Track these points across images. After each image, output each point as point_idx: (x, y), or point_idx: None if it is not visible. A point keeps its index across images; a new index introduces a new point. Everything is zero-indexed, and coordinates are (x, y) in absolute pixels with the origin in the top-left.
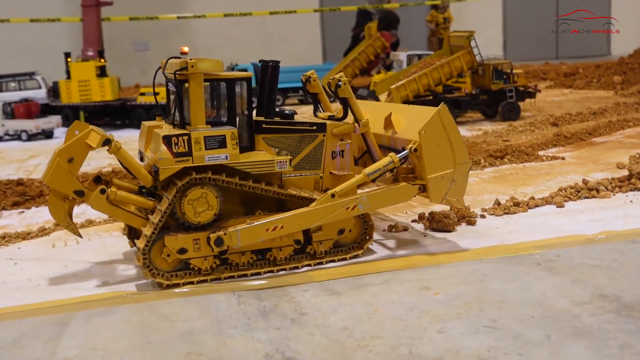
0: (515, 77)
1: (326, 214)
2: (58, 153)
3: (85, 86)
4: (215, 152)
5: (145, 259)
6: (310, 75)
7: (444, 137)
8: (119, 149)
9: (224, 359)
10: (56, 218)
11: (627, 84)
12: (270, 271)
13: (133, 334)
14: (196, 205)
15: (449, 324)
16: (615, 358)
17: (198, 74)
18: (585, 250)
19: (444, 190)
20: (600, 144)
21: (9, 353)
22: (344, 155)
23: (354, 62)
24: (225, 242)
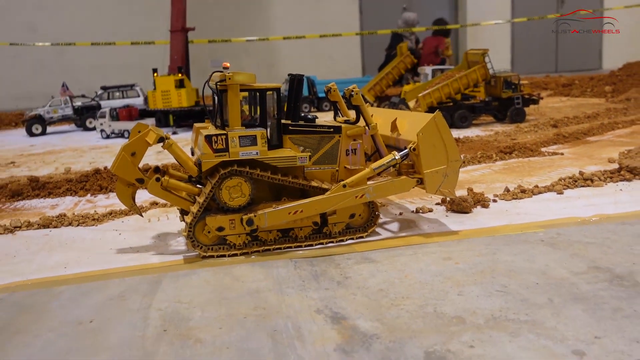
0: (521, 87)
1: (338, 201)
2: (123, 148)
3: (166, 95)
4: (248, 149)
5: (190, 232)
6: (331, 87)
7: (438, 139)
8: (171, 146)
9: (283, 312)
10: (122, 200)
11: (617, 92)
12: (290, 247)
13: (211, 291)
14: (232, 192)
15: (467, 288)
16: (609, 319)
17: (235, 85)
18: (581, 229)
19: (438, 183)
20: (594, 142)
21: (116, 304)
22: (356, 152)
23: (388, 75)
24: (255, 222)
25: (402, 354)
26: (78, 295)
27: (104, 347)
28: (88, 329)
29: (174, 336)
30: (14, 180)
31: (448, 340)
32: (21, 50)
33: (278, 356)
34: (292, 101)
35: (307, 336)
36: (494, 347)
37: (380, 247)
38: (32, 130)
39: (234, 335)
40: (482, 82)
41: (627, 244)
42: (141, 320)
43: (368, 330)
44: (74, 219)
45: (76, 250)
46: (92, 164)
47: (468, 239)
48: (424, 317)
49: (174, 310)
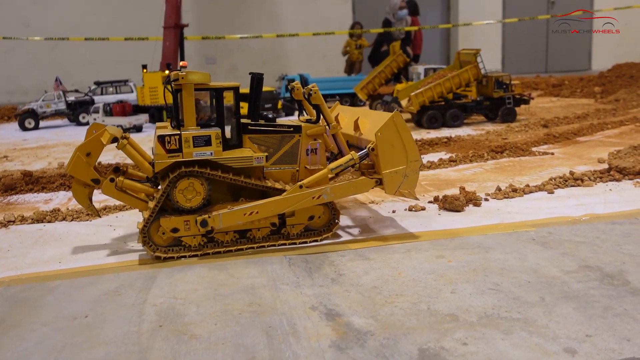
0: (512, 87)
1: (295, 202)
2: (78, 148)
3: (154, 92)
4: (202, 149)
5: (145, 237)
6: (295, 85)
7: (397, 139)
8: (125, 146)
9: (278, 308)
10: (79, 201)
11: (606, 93)
12: (251, 248)
13: (206, 287)
14: (186, 193)
15: (460, 286)
16: (599, 318)
17: (189, 84)
18: (572, 229)
19: (397, 184)
20: (584, 142)
21: (111, 298)
22: (317, 152)
23: (381, 74)
24: (210, 223)
25: (396, 350)
26: (73, 289)
27: (100, 342)
28: (83, 323)
29: (169, 332)
30: (7, 174)
31: (442, 338)
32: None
33: (273, 352)
34: (252, 100)
35: (302, 332)
36: (487, 344)
37: (374, 245)
38: (25, 125)
39: (229, 331)
40: (474, 82)
41: (616, 243)
42: (136, 316)
43: (362, 327)
44: (67, 213)
45: (70, 245)
46: None
47: (460, 237)
48: (418, 314)
49: (169, 305)
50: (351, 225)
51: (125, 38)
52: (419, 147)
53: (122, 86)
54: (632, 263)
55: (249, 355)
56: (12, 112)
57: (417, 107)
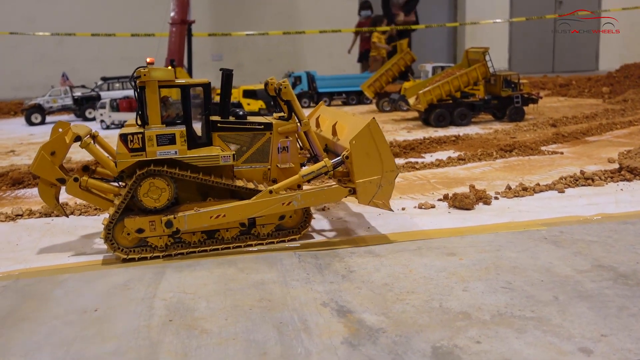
0: (521, 86)
1: (264, 207)
2: (43, 147)
3: None
4: (166, 148)
5: (109, 234)
6: (269, 81)
7: (373, 148)
8: (88, 145)
9: (289, 304)
10: (45, 201)
11: (614, 93)
12: (216, 249)
13: (215, 282)
14: (150, 193)
15: (472, 284)
16: (614, 318)
17: (152, 82)
18: (584, 228)
19: (371, 194)
20: (593, 142)
21: (121, 292)
22: (288, 150)
23: (388, 72)
24: (175, 224)
25: (409, 347)
26: (82, 283)
27: (110, 336)
28: (93, 317)
29: (179, 326)
30: (14, 168)
31: (455, 336)
32: (21, 40)
33: (285, 348)
34: (222, 97)
35: (314, 329)
36: (500, 343)
37: (384, 242)
38: (32, 120)
39: (239, 326)
40: (482, 81)
41: (629, 243)
42: (146, 310)
43: (374, 324)
44: (75, 208)
45: (79, 239)
46: None
47: (471, 236)
48: (430, 312)
49: (178, 300)
50: (359, 222)
51: (131, 34)
52: (426, 145)
53: (128, 82)
54: None
55: (260, 350)
56: (19, 107)
57: (424, 105)
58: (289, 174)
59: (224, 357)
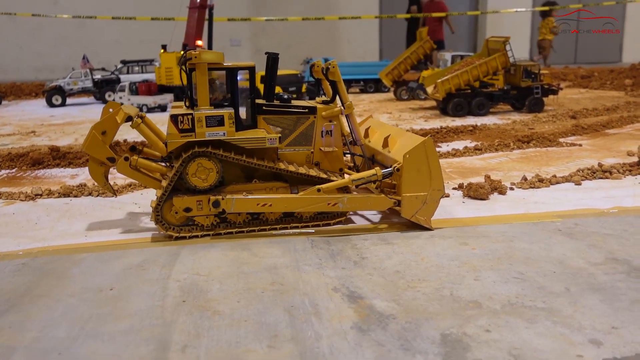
0: (541, 77)
1: (310, 204)
2: (94, 127)
3: (169, 72)
4: (215, 129)
5: (158, 216)
6: (315, 62)
7: (424, 164)
8: (139, 125)
9: (300, 289)
10: (95, 179)
11: (637, 86)
12: (263, 229)
13: (229, 265)
14: (198, 173)
15: (484, 274)
16: (626, 311)
17: (202, 64)
18: (599, 221)
19: (415, 208)
20: (613, 134)
21: (136, 273)
22: (332, 134)
23: (407, 60)
24: (222, 205)
25: (418, 334)
26: (98, 263)
27: (125, 315)
28: (109, 296)
29: (192, 307)
30: (35, 149)
31: (464, 324)
32: (43, 22)
33: (296, 331)
34: (267, 81)
35: (324, 313)
36: (510, 332)
37: (397, 230)
38: (52, 101)
39: (251, 308)
40: (502, 70)
41: None
42: (160, 290)
43: (384, 310)
44: (94, 189)
45: (96, 220)
46: None
47: (485, 225)
48: (440, 300)
49: (192, 282)
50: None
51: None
52: (443, 134)
53: (147, 65)
54: None
55: (271, 333)
56: (40, 89)
57: (443, 94)
58: (331, 157)
59: (236, 338)
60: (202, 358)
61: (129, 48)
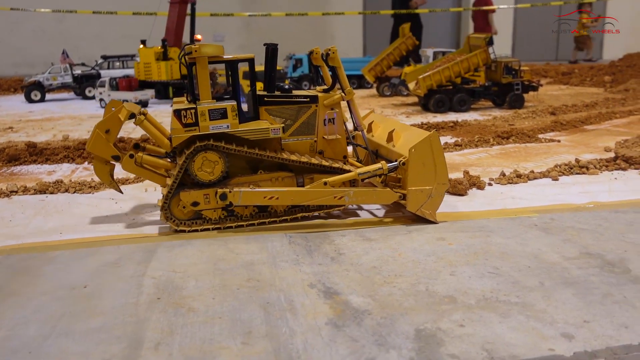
0: (522, 73)
1: (316, 197)
2: (97, 126)
3: (148, 67)
4: (218, 122)
5: (166, 212)
6: (313, 50)
7: (430, 159)
8: (142, 122)
9: (277, 285)
10: (100, 178)
11: (616, 83)
12: (274, 221)
13: (205, 262)
14: (204, 167)
15: (460, 269)
16: (598, 304)
17: (202, 57)
18: (575, 216)
19: (420, 202)
20: (591, 130)
21: (110, 270)
22: (334, 122)
23: (389, 56)
24: (229, 198)
25: (392, 330)
26: (72, 260)
27: (97, 312)
28: (82, 293)
29: (167, 304)
30: (11, 145)
31: (439, 319)
32: (22, 17)
33: (270, 327)
34: (267, 72)
35: (300, 309)
36: (484, 326)
37: (375, 225)
38: (31, 97)
39: (226, 305)
40: (483, 67)
41: (619, 231)
42: (135, 287)
43: (360, 306)
44: (70, 185)
45: (72, 217)
46: (90, 132)
47: (462, 221)
48: (416, 295)
49: (167, 279)
50: (353, 206)
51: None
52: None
53: (128, 61)
54: (633, 251)
55: (245, 329)
56: (19, 84)
57: (424, 90)
58: (335, 145)
59: (210, 335)
60: (175, 355)
61: (111, 43)
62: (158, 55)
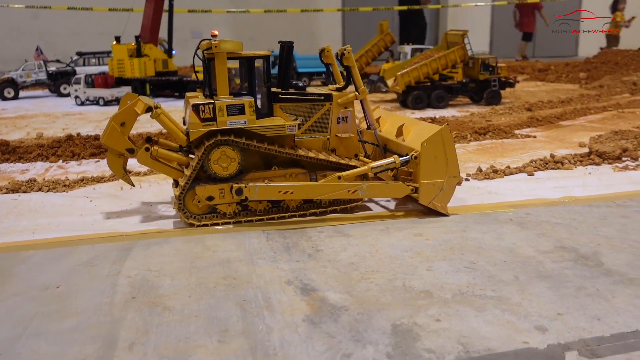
0: (498, 70)
1: (330, 191)
2: (113, 118)
3: (121, 64)
4: (236, 118)
5: (181, 204)
6: (325, 47)
7: (441, 152)
8: (159, 115)
9: (254, 282)
10: (113, 170)
11: (591, 79)
12: (283, 217)
13: (181, 260)
14: (220, 162)
15: (436, 264)
16: (572, 297)
17: (221, 53)
18: (550, 210)
19: (432, 195)
20: (566, 126)
21: (85, 269)
22: (347, 120)
23: (368, 53)
24: (245, 193)
25: (369, 325)
26: (46, 260)
27: (71, 313)
28: (55, 294)
29: (142, 303)
30: None
31: (415, 314)
32: None
33: (247, 325)
34: (282, 69)
35: (277, 306)
36: (459, 321)
37: (353, 222)
38: (4, 94)
39: (203, 303)
40: (460, 64)
41: (592, 225)
42: (109, 287)
43: (337, 302)
44: (44, 184)
45: (45, 216)
46: (65, 130)
47: (439, 217)
48: (393, 290)
49: (143, 277)
50: None
51: (109, 8)
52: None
53: (104, 57)
54: (606, 245)
55: (222, 327)
56: None
57: (402, 87)
58: (347, 143)
59: (185, 334)
60: (150, 355)
61: (87, 39)
62: (131, 52)
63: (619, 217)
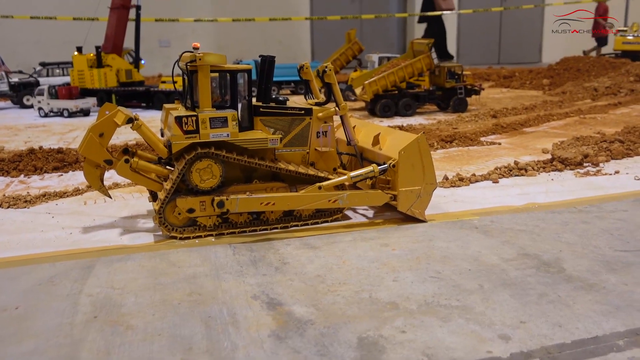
0: (464, 78)
1: (311, 201)
2: (91, 129)
3: (81, 75)
4: (219, 131)
5: (161, 218)
6: (304, 64)
7: (418, 160)
8: (140, 127)
9: (219, 298)
10: (90, 182)
11: (554, 85)
12: (265, 229)
13: (146, 277)
14: (202, 174)
15: (402, 274)
16: (534, 304)
17: (205, 66)
18: (514, 217)
19: (410, 202)
20: (530, 133)
21: (45, 289)
22: (327, 135)
23: (336, 61)
24: (226, 205)
25: (335, 339)
26: (5, 280)
27: (29, 334)
28: (13, 315)
29: (104, 323)
30: None
31: (381, 326)
32: None
33: (211, 343)
34: (262, 83)
35: (242, 322)
36: (425, 332)
37: (320, 233)
38: None
39: (167, 321)
40: (427, 72)
41: (554, 231)
42: (70, 306)
43: (303, 316)
44: (4, 200)
45: (5, 233)
46: (27, 143)
47: (406, 226)
48: (359, 302)
49: (106, 296)
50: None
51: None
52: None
53: (69, 68)
54: (568, 251)
55: (186, 346)
56: None
57: (370, 95)
58: (326, 157)
59: (148, 354)
60: None
61: (51, 49)
62: (91, 62)
63: (581, 222)
